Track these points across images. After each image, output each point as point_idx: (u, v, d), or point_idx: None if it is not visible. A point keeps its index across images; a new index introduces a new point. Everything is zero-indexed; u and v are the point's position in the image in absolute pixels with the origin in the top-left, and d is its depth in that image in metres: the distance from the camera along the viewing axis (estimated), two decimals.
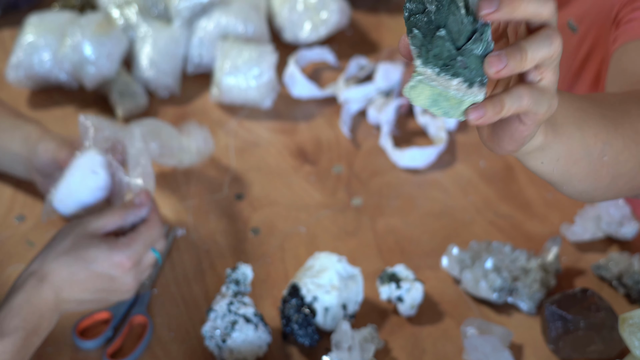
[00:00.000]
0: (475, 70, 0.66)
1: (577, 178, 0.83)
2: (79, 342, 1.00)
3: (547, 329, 0.98)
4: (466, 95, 0.67)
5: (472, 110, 0.67)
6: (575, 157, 0.80)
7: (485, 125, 0.73)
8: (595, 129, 0.82)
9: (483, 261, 1.05)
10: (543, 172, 0.81)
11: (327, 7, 1.47)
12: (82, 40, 1.34)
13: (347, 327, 0.97)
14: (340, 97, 1.35)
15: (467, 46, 0.66)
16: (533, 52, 0.67)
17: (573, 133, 0.79)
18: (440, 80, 0.67)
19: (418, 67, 0.67)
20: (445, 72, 0.66)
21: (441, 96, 0.67)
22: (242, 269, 0.99)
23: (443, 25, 0.66)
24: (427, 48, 0.67)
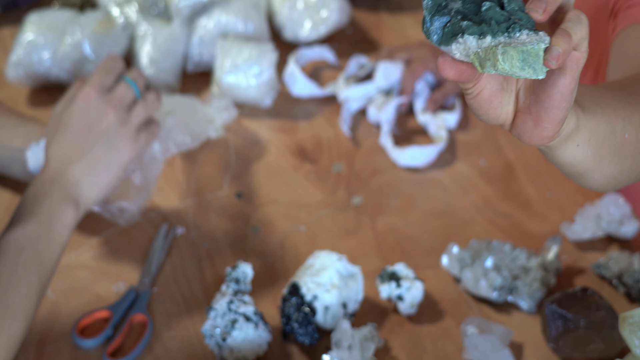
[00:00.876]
0: (528, 20, 0.67)
1: (606, 160, 0.82)
2: (79, 341, 1.00)
3: (547, 328, 0.98)
4: (539, 43, 0.67)
5: (549, 54, 0.67)
6: (602, 135, 0.80)
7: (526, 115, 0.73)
8: (613, 105, 0.81)
9: (483, 260, 1.05)
10: (579, 158, 0.79)
11: (327, 5, 1.47)
12: (82, 38, 1.33)
13: (347, 326, 0.97)
14: (340, 96, 1.35)
15: (507, 8, 0.67)
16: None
17: (595, 110, 0.79)
18: (514, 41, 0.67)
19: (491, 43, 0.67)
20: (513, 30, 0.67)
21: (525, 53, 0.67)
22: (242, 267, 0.99)
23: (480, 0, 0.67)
24: (486, 24, 0.67)
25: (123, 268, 1.10)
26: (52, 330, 1.02)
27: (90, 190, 0.98)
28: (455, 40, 0.67)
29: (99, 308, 1.04)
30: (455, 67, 0.69)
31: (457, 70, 0.69)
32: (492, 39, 0.67)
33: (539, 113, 0.72)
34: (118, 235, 1.14)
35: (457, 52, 0.68)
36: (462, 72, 0.69)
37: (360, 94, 1.35)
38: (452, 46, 0.67)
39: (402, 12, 1.60)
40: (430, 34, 0.68)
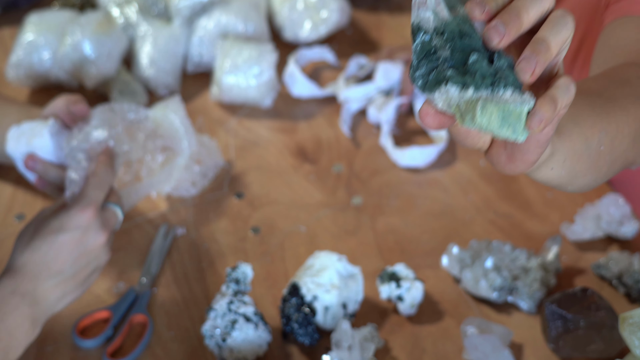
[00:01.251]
0: (515, 80, 0.66)
1: (581, 174, 0.83)
2: (79, 341, 1.00)
3: (547, 328, 0.98)
4: (523, 104, 0.66)
5: (531, 118, 0.65)
6: (577, 153, 0.80)
7: (502, 149, 0.72)
8: (590, 120, 0.81)
9: (483, 260, 1.05)
10: (552, 178, 0.80)
11: (327, 6, 1.47)
12: (82, 39, 1.33)
13: (347, 326, 0.97)
14: (340, 97, 1.35)
15: (496, 64, 0.66)
16: (555, 38, 0.66)
17: (572, 130, 0.79)
18: (496, 97, 0.66)
19: (473, 95, 0.66)
20: (497, 87, 0.66)
21: (506, 112, 0.66)
22: (242, 268, 0.99)
23: (469, 51, 0.66)
24: (470, 76, 0.66)
25: (123, 268, 1.10)
26: (52, 331, 1.02)
27: (55, 308, 0.93)
28: (438, 89, 0.66)
29: (99, 308, 1.04)
30: (437, 119, 0.67)
31: (438, 121, 0.67)
32: (475, 92, 0.65)
33: (513, 152, 0.72)
34: (118, 235, 1.14)
35: (440, 100, 0.66)
36: (443, 123, 0.67)
37: (360, 94, 1.35)
38: (435, 94, 0.66)
39: (402, 12, 1.60)
40: (415, 78, 0.67)
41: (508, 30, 0.64)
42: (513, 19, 0.65)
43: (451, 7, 0.66)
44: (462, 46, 0.66)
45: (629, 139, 0.85)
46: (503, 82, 0.65)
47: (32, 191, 1.20)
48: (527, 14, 0.65)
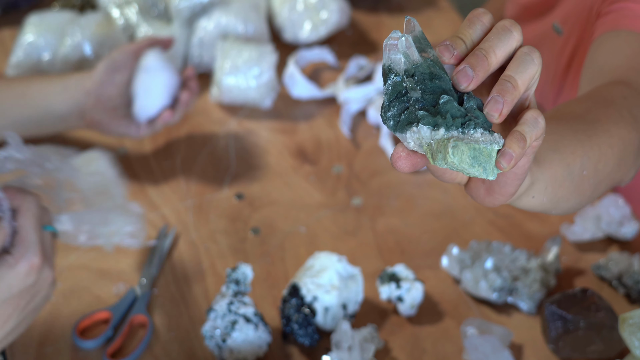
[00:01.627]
0: (484, 120, 0.67)
1: (564, 199, 0.83)
2: (79, 342, 1.00)
3: (547, 329, 0.98)
4: (492, 144, 0.66)
5: (501, 157, 0.66)
6: (559, 180, 0.80)
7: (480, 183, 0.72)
8: (571, 147, 0.81)
9: (483, 261, 1.05)
10: (534, 206, 0.80)
11: (327, 7, 1.47)
12: (82, 40, 1.34)
13: (347, 327, 0.97)
14: (339, 98, 1.35)
15: (466, 105, 0.66)
16: (521, 75, 0.66)
17: (553, 158, 0.79)
18: (467, 137, 0.66)
19: (445, 135, 0.66)
20: (467, 127, 0.66)
21: (477, 151, 0.66)
22: (242, 268, 0.99)
23: (440, 93, 0.66)
24: (441, 116, 0.66)
25: (123, 269, 1.10)
26: (52, 332, 1.02)
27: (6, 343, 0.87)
28: (410, 129, 0.66)
29: (99, 309, 1.04)
30: (410, 160, 0.67)
31: (411, 163, 0.67)
32: (446, 132, 0.66)
33: (491, 185, 0.72)
34: None
35: (411, 140, 0.66)
36: (416, 164, 0.68)
37: (360, 95, 1.35)
38: (406, 134, 0.66)
39: (402, 12, 1.60)
40: (387, 119, 0.67)
41: (476, 74, 0.65)
42: (481, 61, 0.65)
43: (421, 50, 0.66)
44: (432, 88, 0.66)
45: (614, 161, 0.85)
46: (473, 123, 0.66)
47: None
48: (495, 55, 0.65)
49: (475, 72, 0.65)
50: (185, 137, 1.31)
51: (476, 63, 0.65)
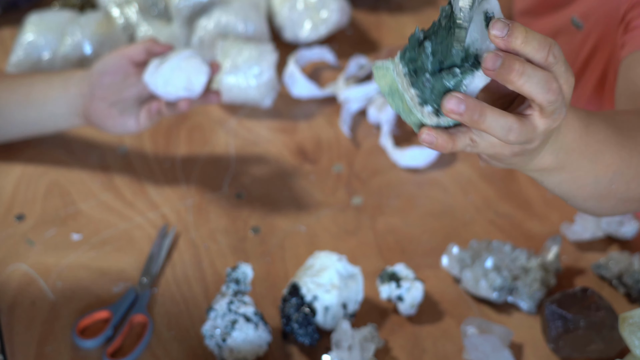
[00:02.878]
0: (435, 96, 0.69)
1: (581, 198, 0.84)
2: (79, 341, 1.00)
3: (547, 328, 0.98)
4: (416, 110, 0.69)
5: (424, 132, 0.69)
6: (580, 183, 0.81)
7: None
8: (609, 160, 0.83)
9: (483, 260, 1.05)
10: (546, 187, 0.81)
11: (327, 6, 1.47)
12: (82, 39, 1.33)
13: (347, 327, 0.96)
14: (340, 97, 1.35)
15: (442, 73, 0.68)
16: (489, 123, 0.68)
17: (583, 165, 0.80)
18: (403, 81, 0.69)
19: (396, 58, 0.70)
20: (410, 77, 0.69)
21: (397, 93, 0.70)
22: (242, 268, 0.99)
23: (433, 42, 0.68)
24: (411, 48, 0.69)
25: (123, 268, 1.10)
26: (52, 331, 1.02)
27: None
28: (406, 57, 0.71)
29: (99, 308, 1.04)
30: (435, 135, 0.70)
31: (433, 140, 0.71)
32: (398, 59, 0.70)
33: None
34: (118, 235, 1.14)
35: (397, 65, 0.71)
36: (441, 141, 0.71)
37: (360, 94, 1.35)
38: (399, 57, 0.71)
39: (402, 12, 1.60)
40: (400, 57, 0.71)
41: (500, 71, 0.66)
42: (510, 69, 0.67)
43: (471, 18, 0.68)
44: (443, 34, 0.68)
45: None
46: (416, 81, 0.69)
47: (32, 191, 1.20)
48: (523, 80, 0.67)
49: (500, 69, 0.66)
50: (185, 137, 1.31)
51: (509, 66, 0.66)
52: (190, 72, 1.14)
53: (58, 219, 1.16)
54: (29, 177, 1.22)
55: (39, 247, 1.12)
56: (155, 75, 1.14)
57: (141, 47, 1.16)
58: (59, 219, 1.16)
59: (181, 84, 1.14)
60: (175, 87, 1.14)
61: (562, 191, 0.82)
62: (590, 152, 0.80)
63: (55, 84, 1.17)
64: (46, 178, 1.22)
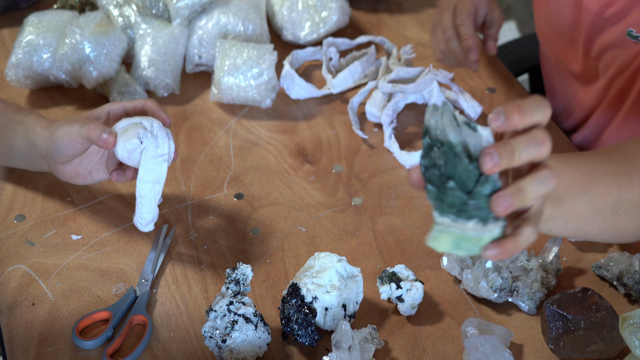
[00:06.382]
0: (487, 209, 0.73)
1: (596, 232, 0.87)
2: (79, 342, 1.00)
3: (548, 329, 0.98)
4: (484, 233, 0.73)
5: (488, 251, 0.73)
6: (584, 218, 0.84)
7: None
8: (604, 189, 0.85)
9: (483, 261, 1.05)
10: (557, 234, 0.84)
11: (327, 6, 1.47)
12: (81, 39, 1.33)
13: (347, 327, 0.96)
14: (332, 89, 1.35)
15: (477, 189, 0.72)
16: (533, 191, 0.73)
17: (577, 199, 0.83)
18: (457, 225, 0.73)
19: (437, 219, 0.74)
20: (461, 217, 0.73)
21: (461, 239, 0.74)
22: (242, 268, 0.99)
23: (452, 176, 0.72)
24: (441, 199, 0.73)
25: (123, 269, 1.10)
26: (51, 332, 1.02)
27: None
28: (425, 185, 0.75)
29: (99, 309, 1.04)
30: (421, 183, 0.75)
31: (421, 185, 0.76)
32: (438, 216, 0.74)
33: None
34: (118, 235, 1.14)
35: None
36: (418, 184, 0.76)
37: (349, 80, 1.36)
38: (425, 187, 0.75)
39: (402, 12, 1.60)
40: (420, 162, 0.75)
41: (500, 162, 0.71)
42: (508, 154, 0.71)
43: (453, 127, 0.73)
44: (450, 168, 0.73)
45: None
46: (467, 215, 0.73)
47: (31, 192, 1.20)
48: (520, 157, 0.72)
49: (500, 161, 0.71)
50: (185, 137, 1.31)
51: (503, 154, 0.71)
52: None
53: (58, 219, 1.16)
54: (29, 178, 1.22)
55: (38, 247, 1.12)
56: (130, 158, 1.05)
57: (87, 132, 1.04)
58: (58, 219, 1.16)
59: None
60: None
61: (573, 232, 0.85)
62: (579, 185, 0.84)
63: (19, 135, 1.11)
64: (46, 178, 1.22)
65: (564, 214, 0.82)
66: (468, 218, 0.73)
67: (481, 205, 0.72)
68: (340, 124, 1.34)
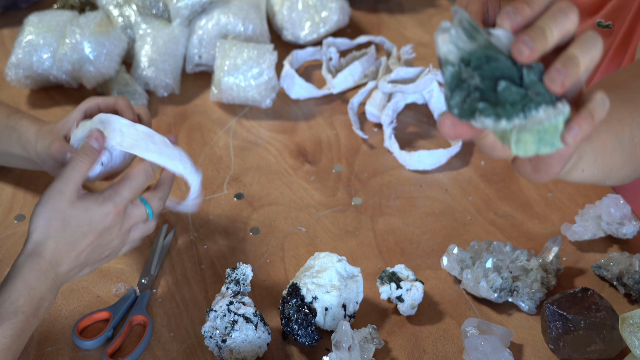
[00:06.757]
0: (547, 92, 0.68)
1: (617, 168, 0.84)
2: (79, 342, 1.00)
3: (548, 329, 0.98)
4: (558, 116, 0.68)
5: (567, 133, 0.67)
6: (609, 150, 0.81)
7: (526, 161, 0.74)
8: (618, 115, 0.82)
9: (483, 261, 1.05)
10: (585, 178, 0.81)
11: (327, 6, 1.47)
12: (81, 39, 1.33)
13: (347, 327, 0.96)
14: (332, 88, 1.35)
15: (526, 80, 0.67)
16: (584, 56, 0.67)
17: (600, 128, 0.80)
18: (530, 120, 0.68)
19: (506, 126, 0.68)
20: (529, 109, 0.68)
21: (541, 132, 0.68)
22: (242, 268, 0.99)
23: (499, 78, 0.67)
24: (500, 106, 0.68)
25: (123, 269, 1.09)
26: (52, 332, 1.02)
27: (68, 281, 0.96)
28: (473, 118, 0.68)
29: (99, 309, 1.04)
30: (455, 130, 0.69)
31: (456, 132, 0.69)
32: (507, 122, 0.67)
33: (537, 164, 0.73)
34: None
35: (478, 126, 0.68)
36: (462, 133, 0.69)
37: (349, 80, 1.36)
38: (472, 121, 0.68)
39: (402, 12, 1.60)
40: (451, 107, 0.69)
41: (536, 46, 0.66)
42: (540, 36, 0.66)
43: (471, 37, 0.68)
44: (490, 72, 0.67)
45: None
46: (534, 103, 0.67)
47: (31, 192, 1.20)
48: (552, 34, 0.67)
49: (535, 45, 0.66)
50: (185, 137, 1.31)
51: (535, 37, 0.66)
52: None
53: None
54: (29, 178, 1.22)
55: None
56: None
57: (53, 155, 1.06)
58: None
59: None
60: None
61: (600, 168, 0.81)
62: None
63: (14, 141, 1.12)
64: (46, 178, 1.22)
65: (593, 148, 0.79)
66: (536, 107, 0.67)
67: (540, 90, 0.68)
68: (340, 124, 1.34)
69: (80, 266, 0.95)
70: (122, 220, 0.96)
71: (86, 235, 0.94)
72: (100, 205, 0.94)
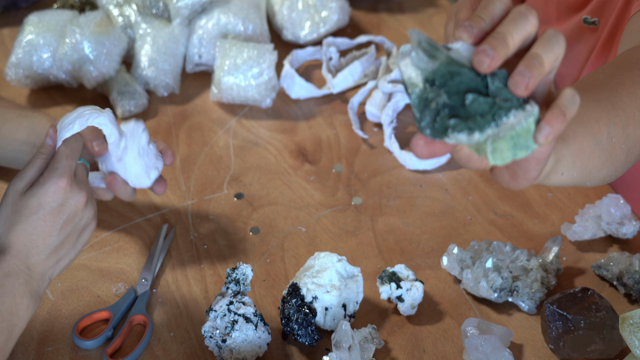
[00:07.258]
0: (513, 97, 0.68)
1: (596, 170, 0.83)
2: (79, 342, 1.00)
3: (548, 329, 0.98)
4: (528, 118, 0.68)
5: (538, 133, 0.67)
6: (587, 152, 0.81)
7: (504, 168, 0.74)
8: (595, 115, 0.82)
9: (483, 261, 1.05)
10: (565, 182, 0.81)
11: (327, 6, 1.47)
12: (81, 39, 1.33)
13: (347, 327, 0.96)
14: (332, 88, 1.35)
15: (491, 89, 0.68)
16: (547, 54, 0.68)
17: (577, 131, 0.80)
18: (502, 128, 0.68)
19: (480, 138, 0.68)
20: (499, 117, 0.68)
21: (515, 137, 0.68)
22: (242, 268, 0.99)
23: (465, 91, 0.68)
24: (472, 119, 0.68)
25: (123, 269, 1.09)
26: (51, 331, 1.02)
27: (52, 276, 0.94)
28: (446, 135, 0.68)
29: (99, 309, 1.04)
30: (428, 149, 0.69)
31: (429, 151, 0.69)
32: (480, 134, 0.68)
33: (514, 170, 0.73)
34: (118, 235, 1.14)
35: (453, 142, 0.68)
36: (436, 151, 0.69)
37: (349, 79, 1.36)
38: (445, 139, 0.68)
39: (402, 12, 1.59)
40: (422, 129, 0.69)
41: (496, 54, 0.66)
42: (500, 43, 0.67)
43: (432, 56, 0.68)
44: (456, 87, 0.68)
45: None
46: (503, 110, 0.68)
47: None
48: (512, 39, 0.67)
49: (495, 52, 0.66)
50: (185, 137, 1.31)
51: (496, 44, 0.66)
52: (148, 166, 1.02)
53: None
54: None
55: None
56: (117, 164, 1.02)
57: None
58: None
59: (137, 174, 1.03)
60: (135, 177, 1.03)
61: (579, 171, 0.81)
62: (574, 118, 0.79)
63: (23, 127, 1.11)
64: None
65: (571, 151, 0.79)
66: (506, 113, 0.68)
67: (507, 96, 0.68)
68: (340, 123, 1.34)
69: (55, 252, 0.93)
70: (76, 189, 0.94)
71: (44, 218, 0.92)
72: (43, 186, 0.93)
